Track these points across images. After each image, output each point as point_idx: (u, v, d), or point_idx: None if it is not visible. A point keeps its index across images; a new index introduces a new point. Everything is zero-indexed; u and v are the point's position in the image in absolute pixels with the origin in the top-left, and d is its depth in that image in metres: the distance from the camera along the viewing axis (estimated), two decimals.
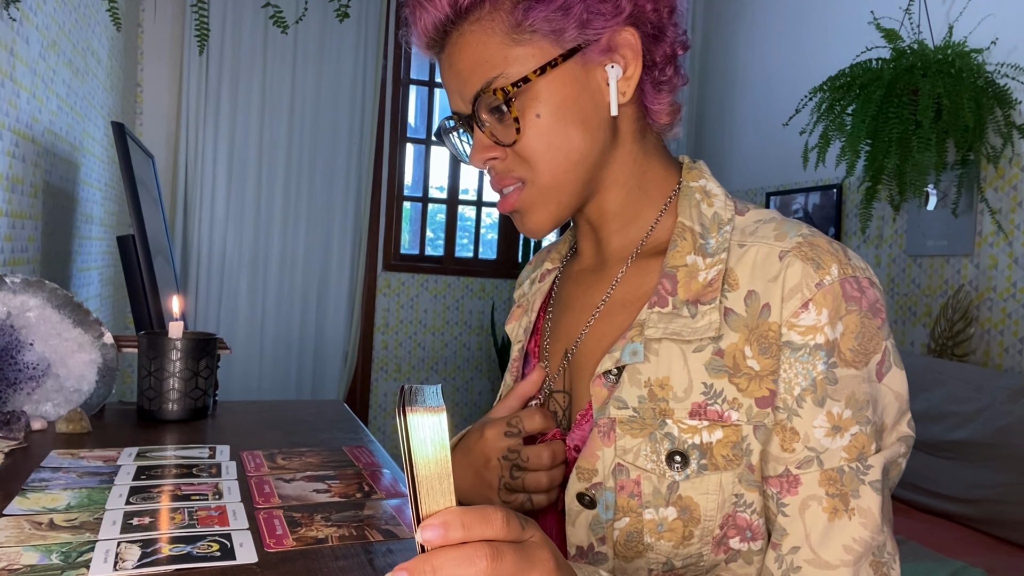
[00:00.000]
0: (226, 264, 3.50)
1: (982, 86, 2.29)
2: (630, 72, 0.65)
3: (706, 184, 0.70)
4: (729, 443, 0.60)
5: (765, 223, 0.65)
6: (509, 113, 0.63)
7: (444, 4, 0.63)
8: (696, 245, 0.66)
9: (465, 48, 0.64)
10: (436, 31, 0.65)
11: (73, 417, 1.01)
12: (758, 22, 3.58)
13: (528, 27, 0.62)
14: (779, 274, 0.61)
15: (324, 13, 3.44)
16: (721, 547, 0.62)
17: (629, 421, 0.63)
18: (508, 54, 0.63)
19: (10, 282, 1.05)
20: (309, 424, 1.15)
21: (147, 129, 3.41)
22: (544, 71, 0.62)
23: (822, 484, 0.58)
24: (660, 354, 0.63)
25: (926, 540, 2.00)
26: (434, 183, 4.00)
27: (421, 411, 0.39)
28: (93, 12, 2.12)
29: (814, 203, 3.18)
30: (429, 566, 0.40)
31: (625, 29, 0.64)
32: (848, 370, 0.59)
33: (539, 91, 0.63)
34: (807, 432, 0.59)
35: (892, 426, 0.61)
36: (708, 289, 0.63)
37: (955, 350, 2.51)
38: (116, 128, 1.35)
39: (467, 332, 4.01)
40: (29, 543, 0.62)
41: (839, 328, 0.59)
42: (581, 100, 0.64)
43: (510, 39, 0.62)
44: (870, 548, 0.58)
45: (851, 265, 0.61)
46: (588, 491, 0.64)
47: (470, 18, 0.63)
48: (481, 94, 0.64)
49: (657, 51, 0.66)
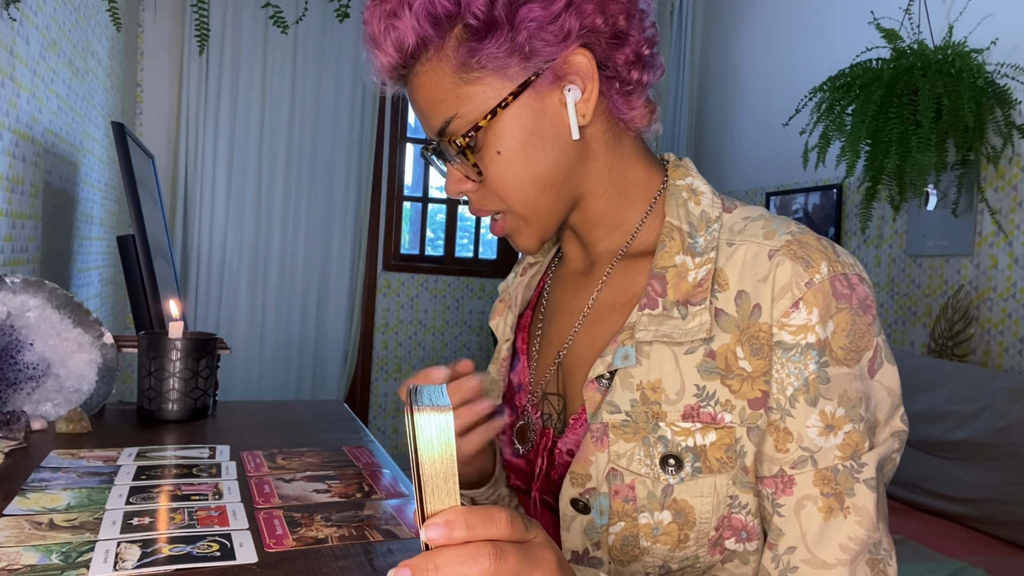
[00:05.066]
0: (226, 264, 3.50)
1: (982, 86, 2.29)
2: (587, 94, 0.63)
3: (692, 182, 0.69)
4: (723, 445, 0.60)
5: (753, 220, 0.65)
6: (468, 157, 0.64)
7: (391, 50, 0.63)
8: (684, 244, 0.65)
9: (421, 88, 0.64)
10: (392, 72, 0.66)
11: (73, 417, 1.01)
12: (758, 22, 3.58)
13: (475, 65, 0.61)
14: (769, 273, 0.60)
15: (324, 13, 3.44)
16: (717, 548, 0.61)
17: (622, 425, 0.63)
18: (460, 93, 0.62)
19: (10, 282, 1.05)
20: (309, 424, 1.15)
21: (147, 129, 3.41)
22: (495, 114, 0.62)
23: (817, 484, 0.58)
24: (652, 357, 0.63)
25: (926, 540, 2.00)
26: (434, 183, 4.00)
27: (428, 410, 0.39)
28: (93, 12, 2.12)
29: (814, 203, 3.17)
30: (432, 564, 0.40)
31: (575, 52, 0.62)
32: (840, 368, 0.59)
33: (497, 128, 0.63)
34: (800, 432, 0.59)
35: (885, 422, 0.61)
36: (698, 289, 0.63)
37: (955, 350, 2.51)
38: (116, 128, 1.35)
39: (467, 332, 4.00)
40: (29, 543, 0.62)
41: (830, 326, 0.59)
42: (540, 128, 0.64)
43: (459, 79, 0.62)
44: (866, 546, 0.58)
45: (840, 262, 0.61)
46: (582, 496, 0.64)
47: (419, 60, 0.64)
48: (443, 132, 0.64)
49: (619, 58, 0.64)
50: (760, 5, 3.58)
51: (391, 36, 0.63)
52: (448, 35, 0.62)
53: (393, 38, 0.63)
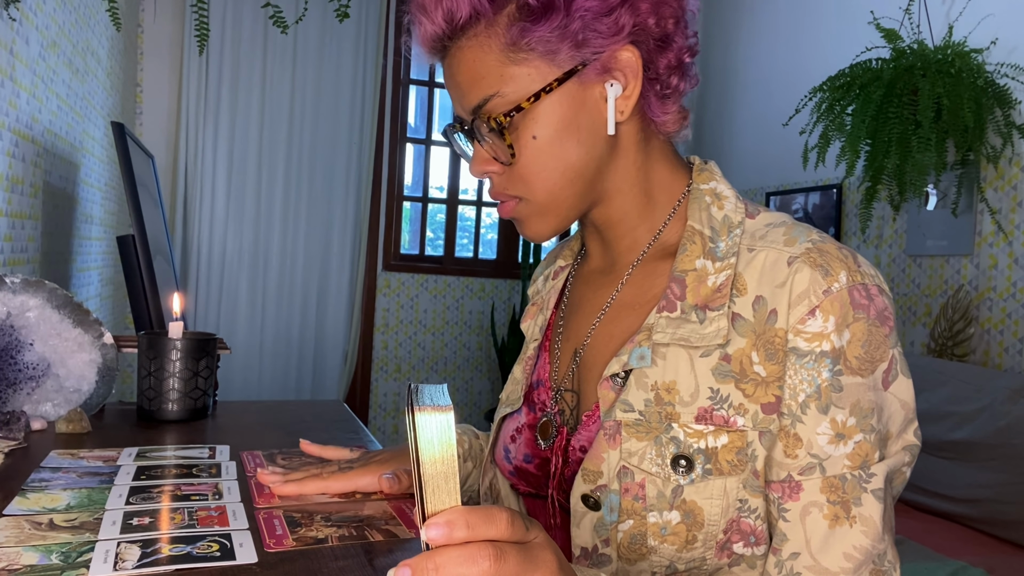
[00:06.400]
0: (226, 264, 3.50)
1: (982, 86, 2.29)
2: (629, 91, 0.64)
3: (716, 186, 0.69)
4: (734, 448, 0.60)
5: (775, 227, 0.65)
6: (505, 137, 0.63)
7: (440, 19, 0.63)
8: (706, 249, 0.65)
9: (463, 62, 0.64)
10: (435, 43, 0.65)
11: (73, 417, 1.01)
12: (758, 22, 3.58)
13: (524, 46, 0.61)
14: (787, 280, 0.60)
15: (324, 13, 3.44)
16: (724, 552, 0.61)
17: (635, 424, 0.63)
18: (504, 72, 0.62)
19: (10, 282, 1.05)
20: (309, 424, 1.15)
21: (147, 129, 3.41)
22: (539, 97, 0.62)
23: (824, 491, 0.58)
24: (667, 358, 0.63)
25: (926, 540, 2.00)
26: (434, 183, 4.00)
27: (429, 410, 0.39)
28: (93, 12, 2.12)
29: (814, 203, 3.17)
30: (432, 564, 0.40)
31: (625, 48, 0.62)
32: (854, 378, 0.59)
33: (536, 113, 0.63)
34: (810, 439, 0.59)
35: (897, 435, 0.61)
36: (717, 295, 0.63)
37: (955, 350, 2.51)
38: (116, 128, 1.35)
39: (467, 332, 4.01)
40: (29, 543, 0.62)
41: (846, 336, 0.59)
42: (578, 119, 0.64)
43: (506, 57, 0.62)
44: (871, 556, 0.57)
45: (860, 272, 0.60)
46: (593, 493, 0.64)
47: (467, 33, 0.63)
48: (479, 111, 0.63)
49: (661, 62, 0.65)
50: (760, 5, 3.58)
51: (443, 4, 0.62)
52: (502, 12, 0.61)
53: (445, 7, 0.62)
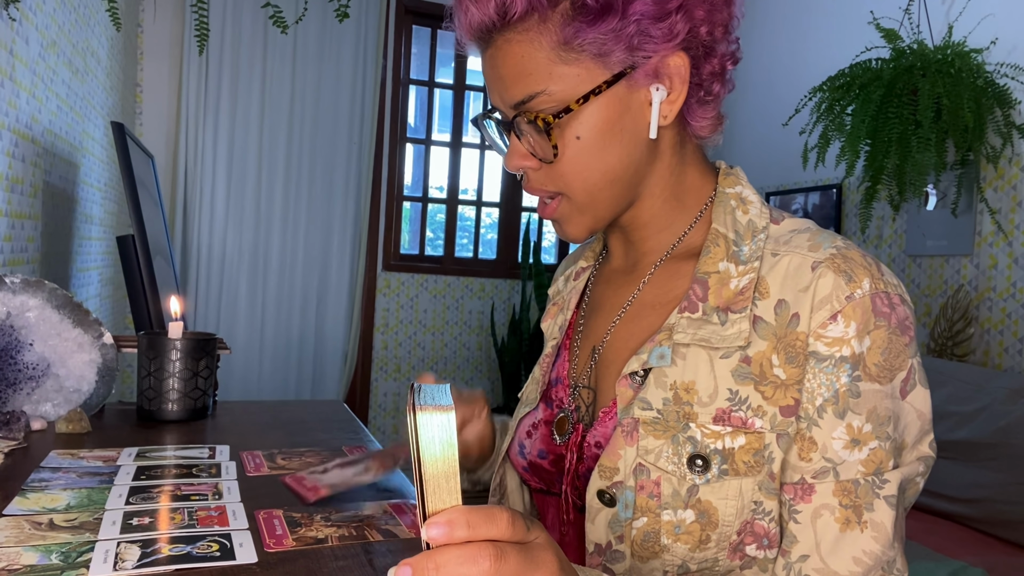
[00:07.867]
0: (226, 264, 3.50)
1: (982, 86, 2.29)
2: (674, 96, 0.64)
3: (742, 191, 0.70)
4: (751, 450, 0.60)
5: (800, 233, 0.65)
6: (550, 136, 0.63)
7: (491, 10, 0.62)
8: (729, 252, 0.65)
9: (510, 56, 0.63)
10: (481, 32, 0.64)
11: (73, 417, 1.01)
12: (758, 22, 3.58)
13: (577, 46, 0.61)
14: (810, 284, 0.61)
15: (324, 13, 3.44)
16: (737, 553, 0.61)
17: (652, 422, 0.63)
18: (553, 71, 0.61)
19: (10, 282, 1.05)
20: (309, 424, 1.15)
21: (147, 129, 3.41)
22: (587, 99, 0.61)
23: (836, 495, 0.58)
24: (687, 358, 0.63)
25: (926, 540, 2.00)
26: (434, 183, 4.00)
27: (430, 409, 0.39)
28: (93, 12, 2.12)
29: (814, 203, 3.18)
30: (432, 563, 0.40)
31: (675, 54, 0.62)
32: (872, 385, 0.59)
33: (582, 113, 0.62)
34: (825, 443, 0.59)
35: (913, 445, 0.61)
36: (739, 297, 0.63)
37: (955, 350, 2.51)
38: (116, 128, 1.35)
39: (467, 332, 4.00)
40: (29, 543, 0.62)
41: (866, 342, 0.59)
42: (623, 121, 0.63)
43: (557, 56, 0.61)
44: (880, 562, 0.57)
45: (884, 280, 0.61)
46: (609, 489, 0.64)
47: (518, 27, 0.62)
48: (523, 106, 0.63)
49: (706, 68, 0.65)
50: (760, 6, 3.58)
51: None
52: (555, 9, 0.61)
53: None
